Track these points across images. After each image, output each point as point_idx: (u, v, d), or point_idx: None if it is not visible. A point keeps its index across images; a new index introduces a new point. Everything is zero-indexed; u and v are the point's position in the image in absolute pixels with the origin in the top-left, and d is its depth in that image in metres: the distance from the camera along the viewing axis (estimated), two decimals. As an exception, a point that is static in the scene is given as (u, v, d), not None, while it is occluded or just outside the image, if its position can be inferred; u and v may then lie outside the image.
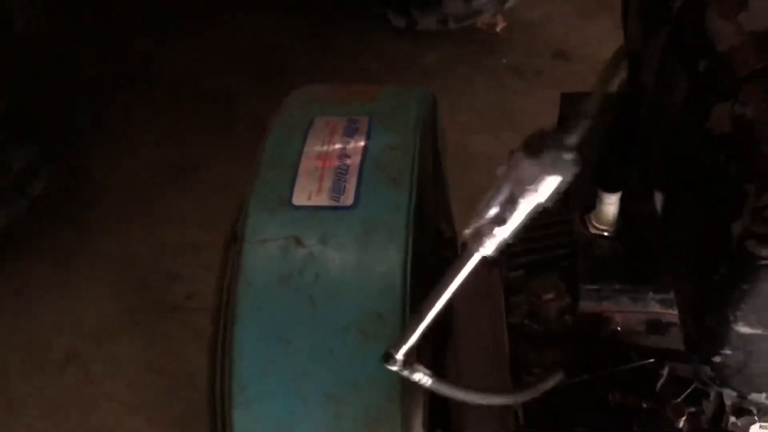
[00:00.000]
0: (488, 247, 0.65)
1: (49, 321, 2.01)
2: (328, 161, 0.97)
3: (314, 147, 1.00)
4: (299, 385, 0.87)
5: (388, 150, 0.98)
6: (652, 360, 0.77)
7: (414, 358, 0.71)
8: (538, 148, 0.64)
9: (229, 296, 1.05)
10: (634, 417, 0.76)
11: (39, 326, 2.00)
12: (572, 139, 0.65)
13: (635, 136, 0.81)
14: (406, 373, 0.69)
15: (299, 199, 0.95)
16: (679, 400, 0.76)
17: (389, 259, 0.88)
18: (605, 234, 0.84)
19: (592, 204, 0.84)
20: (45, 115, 2.32)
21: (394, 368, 0.70)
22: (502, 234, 0.64)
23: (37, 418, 1.84)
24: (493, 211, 0.65)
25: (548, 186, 0.63)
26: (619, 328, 0.79)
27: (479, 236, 0.65)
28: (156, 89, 2.55)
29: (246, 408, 0.87)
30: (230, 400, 0.88)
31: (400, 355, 0.69)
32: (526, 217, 0.65)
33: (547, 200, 0.64)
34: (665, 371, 0.77)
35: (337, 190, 0.94)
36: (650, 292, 0.78)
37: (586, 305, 0.79)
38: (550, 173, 0.63)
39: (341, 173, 0.96)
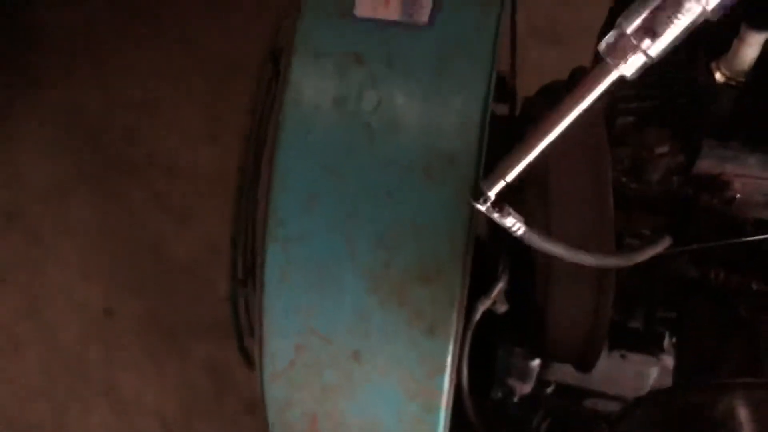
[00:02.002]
0: (631, 65, 0.51)
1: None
2: (401, -33, 0.81)
3: (384, -52, 0.82)
4: (347, 225, 0.75)
5: (475, -40, 0.81)
6: (770, 234, 0.65)
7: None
8: None
9: (263, 117, 0.92)
10: (739, 299, 0.66)
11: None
12: None
13: None
14: (496, 215, 0.57)
15: (363, 9, 0.79)
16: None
17: (468, 91, 0.74)
18: (734, 84, 0.70)
19: (722, 47, 0.69)
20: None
21: (483, 208, 0.57)
22: (651, 48, 0.50)
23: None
24: (644, 17, 0.50)
25: None
26: (738, 195, 0.66)
27: (620, 49, 0.51)
28: None
29: (283, 245, 0.76)
30: (264, 235, 0.77)
31: (492, 194, 0.56)
32: (684, 30, 0.50)
33: (719, 8, 0.49)
34: (787, 251, 0.65)
35: (410, 3, 0.78)
36: None
37: (705, 164, 0.66)
38: None
39: (416, -17, 0.79)
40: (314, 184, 0.75)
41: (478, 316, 0.78)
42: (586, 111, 0.53)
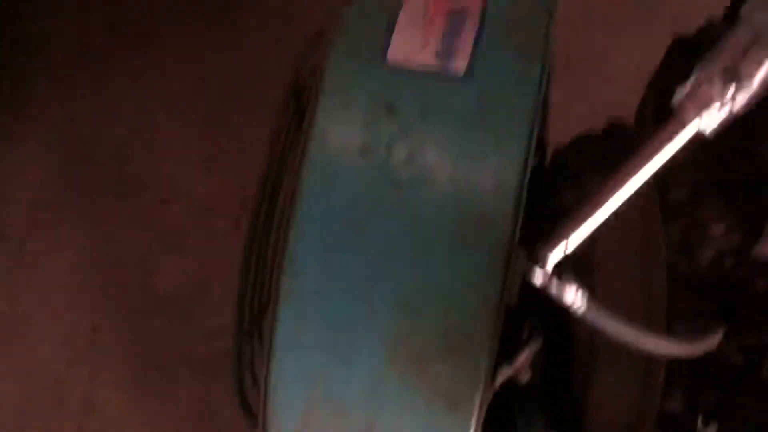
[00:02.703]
0: (713, 116, 0.46)
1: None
2: (439, 13, 0.76)
3: (422, -10, 0.78)
4: (367, 285, 0.69)
5: (516, 7, 0.76)
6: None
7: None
8: None
9: (282, 158, 0.86)
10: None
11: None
12: None
13: None
14: (554, 288, 0.51)
15: (397, 55, 0.74)
16: None
17: (506, 151, 0.69)
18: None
19: (787, 122, 0.64)
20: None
21: (540, 281, 0.51)
22: (736, 100, 0.45)
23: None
24: (726, 64, 0.45)
25: None
26: (800, 288, 0.62)
27: (700, 99, 0.45)
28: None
29: (298, 299, 0.70)
30: (278, 290, 0.71)
31: (550, 265, 0.50)
32: None
33: None
34: None
35: (448, 51, 0.73)
36: None
37: (766, 248, 0.61)
38: None
39: (455, 30, 0.75)
40: (335, 237, 0.70)
41: (498, 384, 0.73)
42: (662, 168, 0.47)
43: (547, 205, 0.86)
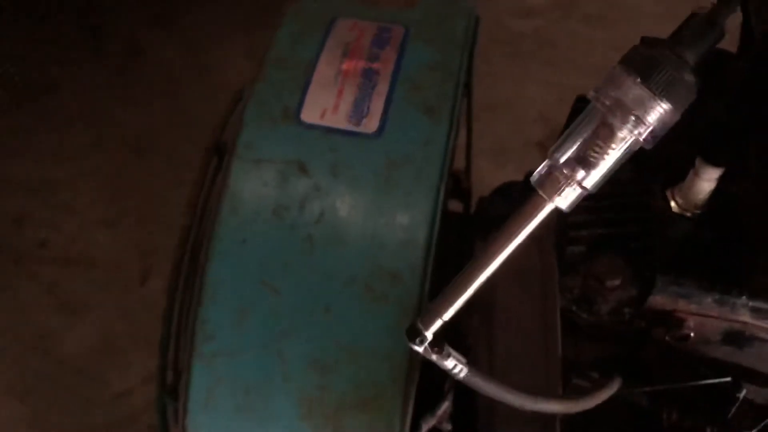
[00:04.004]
0: (565, 197, 0.49)
1: None
2: (351, 74, 0.78)
3: (335, 53, 0.80)
4: (280, 344, 0.69)
5: (427, 70, 0.79)
6: (727, 379, 0.63)
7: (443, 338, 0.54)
8: (647, 63, 0.47)
9: (203, 220, 0.87)
10: (692, 441, 0.62)
11: None
12: (694, 56, 0.49)
13: None
14: (435, 357, 0.53)
15: (310, 115, 0.76)
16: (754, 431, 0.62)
17: (415, 207, 0.71)
18: (689, 215, 0.68)
19: (679, 175, 0.67)
20: None
21: (420, 349, 0.53)
22: (586, 180, 0.48)
23: None
24: (576, 148, 0.48)
25: (656, 117, 0.47)
26: (691, 334, 0.64)
27: (554, 180, 0.48)
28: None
29: (210, 362, 0.70)
30: (191, 350, 0.71)
31: (429, 333, 0.53)
32: (619, 159, 0.48)
33: (649, 138, 0.47)
34: (741, 395, 0.62)
35: (359, 111, 0.76)
36: (741, 297, 0.63)
37: (658, 300, 0.64)
38: (662, 99, 0.47)
39: (366, 91, 0.77)
40: (248, 297, 0.70)
41: (422, 435, 0.73)
42: (522, 245, 0.50)
43: (470, 252, 0.88)
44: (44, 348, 1.54)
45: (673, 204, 0.68)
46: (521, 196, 0.52)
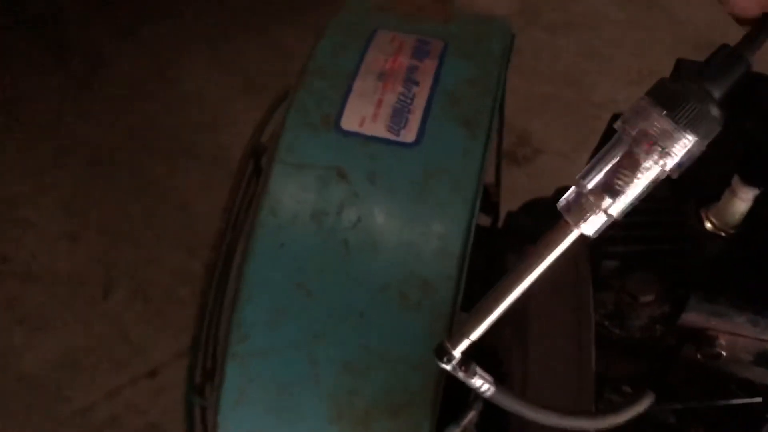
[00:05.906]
0: (591, 224, 0.50)
1: None
2: (391, 84, 0.80)
3: (375, 63, 0.82)
4: (313, 346, 0.71)
5: (465, 84, 0.80)
6: (759, 399, 0.63)
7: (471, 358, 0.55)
8: (674, 95, 0.49)
9: (237, 221, 0.88)
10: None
11: None
12: (720, 89, 0.50)
13: None
14: (461, 375, 0.54)
15: (349, 122, 0.77)
16: (782, 454, 0.63)
17: (451, 217, 0.72)
18: (724, 235, 0.69)
19: (714, 194, 0.68)
20: None
21: (448, 367, 0.54)
22: (612, 207, 0.49)
23: None
24: (602, 175, 0.49)
25: (681, 149, 0.48)
26: (723, 353, 0.64)
27: (580, 208, 0.49)
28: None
29: (243, 362, 0.71)
30: (225, 349, 0.72)
31: (457, 352, 0.54)
32: (645, 188, 0.49)
33: (676, 168, 0.48)
34: (773, 417, 0.63)
35: (398, 121, 0.77)
36: None
37: (691, 318, 0.65)
38: (687, 131, 0.48)
39: (405, 102, 0.78)
40: (283, 299, 0.72)
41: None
42: (550, 268, 0.51)
43: (498, 265, 0.89)
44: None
45: (707, 223, 0.69)
46: (546, 213, 0.53)
